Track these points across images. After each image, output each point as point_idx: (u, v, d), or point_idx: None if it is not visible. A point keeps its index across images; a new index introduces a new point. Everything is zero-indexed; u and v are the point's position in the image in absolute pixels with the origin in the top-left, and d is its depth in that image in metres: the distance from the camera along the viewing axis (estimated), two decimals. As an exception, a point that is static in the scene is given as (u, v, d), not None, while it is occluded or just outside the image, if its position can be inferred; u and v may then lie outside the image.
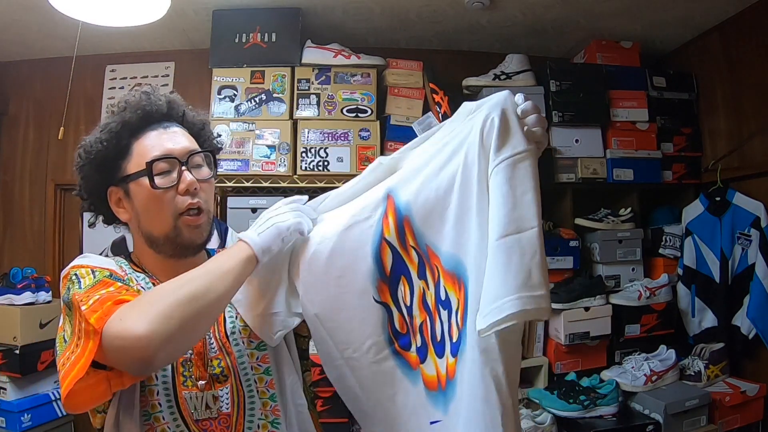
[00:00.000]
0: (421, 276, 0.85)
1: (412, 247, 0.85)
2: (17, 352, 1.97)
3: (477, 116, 0.77)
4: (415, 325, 0.86)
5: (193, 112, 0.99)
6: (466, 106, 0.81)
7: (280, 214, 0.88)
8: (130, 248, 0.98)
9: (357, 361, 0.90)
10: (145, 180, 0.87)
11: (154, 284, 0.90)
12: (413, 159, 0.87)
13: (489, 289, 0.68)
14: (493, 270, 0.68)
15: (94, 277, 0.81)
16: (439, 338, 0.83)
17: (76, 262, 0.86)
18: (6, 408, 1.99)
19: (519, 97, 0.77)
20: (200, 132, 0.99)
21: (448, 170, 0.79)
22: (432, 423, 0.83)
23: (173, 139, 0.91)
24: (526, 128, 0.74)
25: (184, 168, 0.89)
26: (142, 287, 0.88)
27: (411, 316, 0.87)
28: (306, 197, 0.94)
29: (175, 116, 0.95)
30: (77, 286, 0.80)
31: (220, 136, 1.06)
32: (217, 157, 1.02)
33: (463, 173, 0.77)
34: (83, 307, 0.74)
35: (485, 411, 0.71)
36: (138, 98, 0.92)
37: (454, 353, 0.79)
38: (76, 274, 0.82)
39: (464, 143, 0.78)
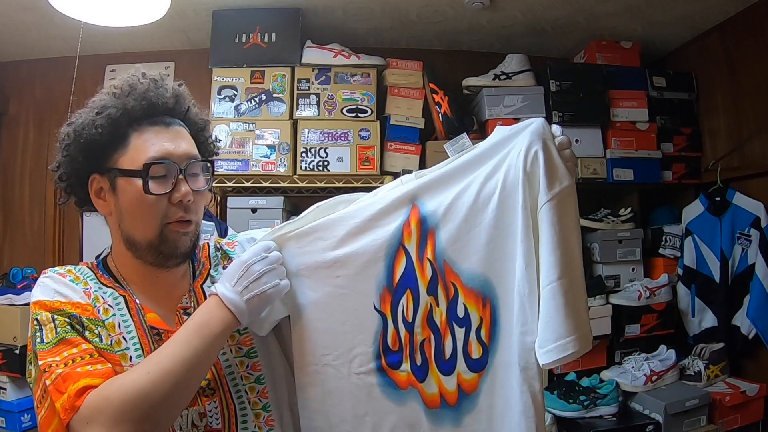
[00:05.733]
0: (431, 292, 0.84)
1: (429, 260, 0.83)
2: (17, 352, 1.96)
3: (517, 141, 0.77)
4: (416, 343, 0.85)
5: (196, 109, 0.93)
6: (501, 129, 0.81)
7: (268, 276, 0.82)
8: None
9: (335, 369, 0.87)
10: (138, 181, 0.80)
11: (124, 297, 0.84)
12: (442, 173, 0.85)
13: (551, 328, 0.73)
14: (552, 310, 0.73)
15: (56, 328, 0.75)
16: (448, 356, 0.83)
17: (36, 295, 0.80)
18: (6, 408, 1.98)
19: (556, 129, 0.77)
20: (200, 133, 0.93)
21: (484, 189, 0.79)
22: None
23: (175, 140, 0.84)
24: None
25: (181, 176, 0.82)
26: (109, 305, 0.82)
27: (411, 333, 0.85)
28: (274, 245, 0.87)
29: (178, 112, 0.88)
30: (40, 339, 0.75)
31: (220, 141, 1.00)
32: (216, 158, 0.97)
33: (502, 195, 0.77)
34: (47, 381, 0.71)
35: (521, 422, 0.77)
36: (145, 86, 0.84)
37: (476, 369, 0.81)
38: (37, 319, 0.77)
39: (503, 165, 0.78)
